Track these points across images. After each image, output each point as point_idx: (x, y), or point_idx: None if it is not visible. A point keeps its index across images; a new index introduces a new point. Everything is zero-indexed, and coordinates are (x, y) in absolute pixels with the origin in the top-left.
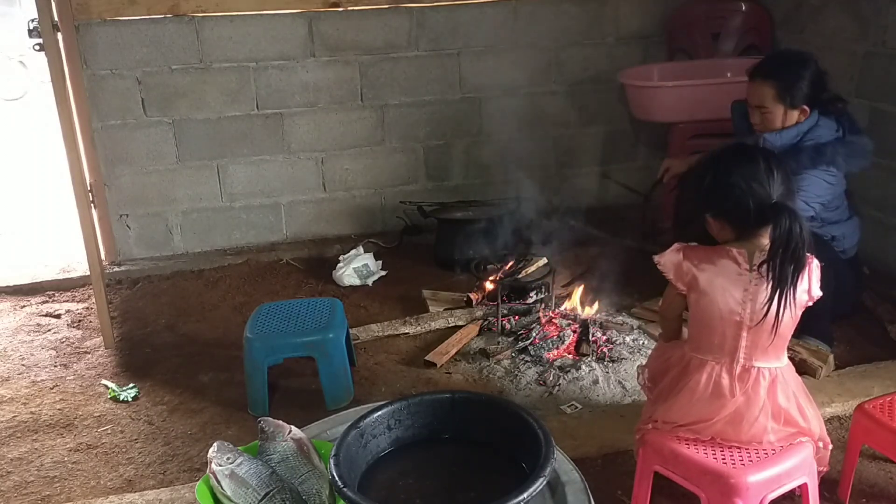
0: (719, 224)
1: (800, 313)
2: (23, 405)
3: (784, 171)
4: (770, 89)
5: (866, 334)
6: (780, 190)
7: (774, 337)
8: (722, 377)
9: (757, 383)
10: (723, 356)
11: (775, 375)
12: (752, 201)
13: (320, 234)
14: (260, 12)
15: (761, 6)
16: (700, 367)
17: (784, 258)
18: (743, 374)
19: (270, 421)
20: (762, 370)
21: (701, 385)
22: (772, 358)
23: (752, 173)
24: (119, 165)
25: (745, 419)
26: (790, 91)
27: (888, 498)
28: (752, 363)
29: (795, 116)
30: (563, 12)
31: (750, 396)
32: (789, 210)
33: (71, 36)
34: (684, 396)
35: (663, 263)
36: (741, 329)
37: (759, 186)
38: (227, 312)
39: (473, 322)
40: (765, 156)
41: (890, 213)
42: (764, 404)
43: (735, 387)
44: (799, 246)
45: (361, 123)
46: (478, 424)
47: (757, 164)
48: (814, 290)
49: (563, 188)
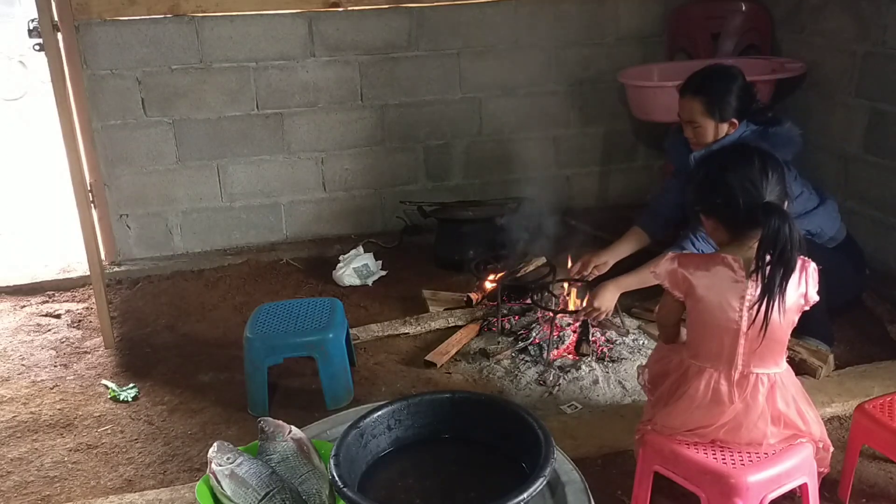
0: (712, 223)
1: (795, 317)
2: (23, 405)
3: (780, 173)
4: (699, 104)
5: (866, 334)
6: (773, 192)
7: (763, 339)
8: (721, 384)
9: (756, 389)
10: (721, 363)
11: (774, 381)
12: (742, 200)
13: (320, 234)
14: (260, 12)
15: (761, 6)
16: (699, 374)
17: (773, 260)
18: (741, 381)
19: (270, 421)
20: (760, 376)
21: (700, 392)
22: (770, 364)
23: (745, 173)
24: (119, 165)
25: (745, 425)
26: (718, 105)
27: (888, 498)
28: (750, 369)
29: (725, 129)
30: (563, 12)
31: (749, 403)
32: (779, 211)
33: (71, 36)
34: (683, 403)
35: (658, 273)
36: (738, 336)
37: (752, 186)
38: (227, 312)
39: (473, 322)
40: (762, 157)
41: (890, 213)
42: (763, 410)
43: (734, 393)
44: (788, 248)
45: (361, 123)
46: (478, 424)
47: (752, 164)
48: (810, 294)
49: (563, 188)
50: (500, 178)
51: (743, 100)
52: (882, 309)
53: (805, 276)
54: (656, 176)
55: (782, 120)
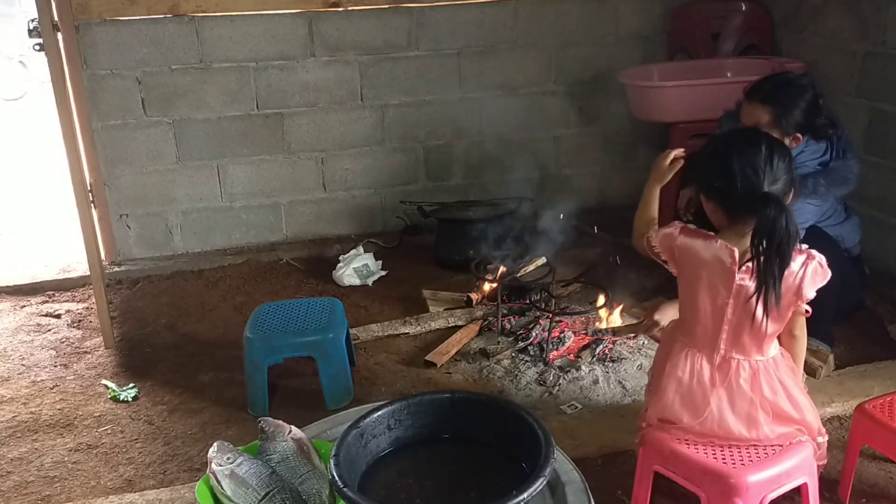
0: (711, 205)
1: (787, 313)
2: (23, 405)
3: (788, 164)
4: (766, 114)
5: (866, 334)
6: (776, 181)
7: (750, 329)
8: (703, 366)
9: (737, 374)
10: (705, 346)
11: (757, 368)
12: (741, 185)
13: (320, 234)
14: (260, 12)
15: (761, 6)
16: (683, 351)
17: (768, 252)
18: (723, 365)
19: (270, 421)
20: (741, 362)
21: (685, 374)
22: (753, 351)
23: (749, 158)
24: (119, 165)
25: (734, 412)
26: (786, 118)
27: (888, 498)
28: (731, 355)
29: (787, 143)
30: (563, 12)
31: (732, 388)
32: (777, 202)
33: (71, 36)
34: (670, 386)
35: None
36: (722, 322)
37: (753, 173)
38: (227, 312)
39: (473, 322)
40: (769, 144)
41: (890, 213)
42: (751, 399)
43: (715, 376)
44: (784, 241)
45: (361, 123)
46: (478, 424)
47: (758, 150)
48: (806, 291)
49: (563, 188)
50: (501, 178)
51: (809, 115)
52: (882, 309)
53: (804, 272)
54: None
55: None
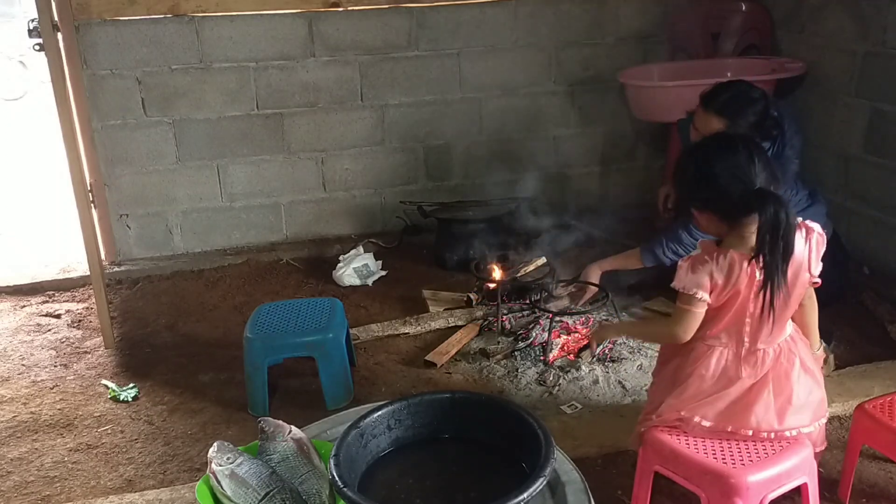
0: (706, 217)
1: (802, 291)
2: (23, 405)
3: (765, 157)
4: (718, 124)
5: (866, 334)
6: (762, 176)
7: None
8: (729, 360)
9: (763, 363)
10: (731, 340)
11: (779, 351)
12: (735, 190)
13: (320, 234)
14: (260, 12)
15: (761, 6)
16: (708, 352)
17: (773, 245)
18: (748, 357)
19: (270, 421)
20: (766, 350)
21: (710, 370)
22: (776, 336)
23: (733, 163)
24: (119, 165)
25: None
26: (738, 129)
27: (888, 498)
28: (756, 346)
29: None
30: (563, 12)
31: (758, 376)
32: (774, 196)
33: (71, 36)
34: (694, 383)
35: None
36: (745, 317)
37: (742, 174)
38: (227, 312)
39: (473, 322)
40: (745, 144)
41: (890, 213)
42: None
43: (741, 368)
44: (787, 231)
45: (361, 123)
46: (478, 424)
47: (737, 152)
48: (814, 265)
49: (563, 188)
50: (500, 178)
51: (759, 122)
52: (882, 309)
53: (809, 247)
54: (656, 176)
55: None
